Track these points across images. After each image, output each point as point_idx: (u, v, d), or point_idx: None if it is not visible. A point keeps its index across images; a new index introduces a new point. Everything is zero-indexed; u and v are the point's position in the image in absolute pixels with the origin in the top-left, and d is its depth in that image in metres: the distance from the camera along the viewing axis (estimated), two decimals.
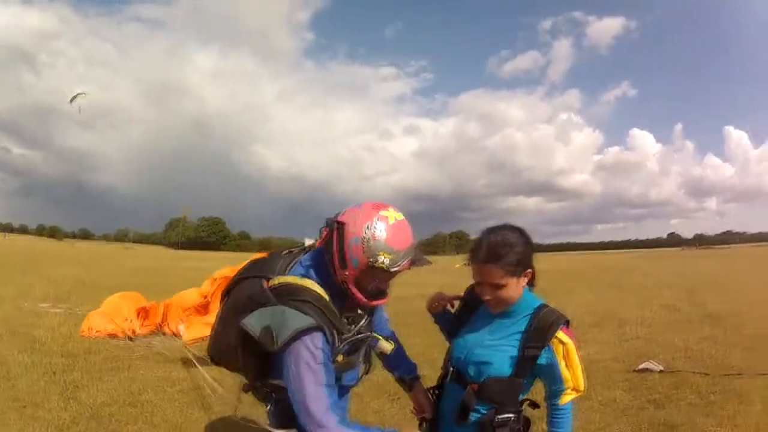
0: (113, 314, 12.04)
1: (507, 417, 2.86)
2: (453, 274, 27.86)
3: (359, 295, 2.64)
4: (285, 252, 2.95)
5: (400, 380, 3.44)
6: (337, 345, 2.65)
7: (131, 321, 11.87)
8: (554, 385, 2.85)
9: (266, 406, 3.01)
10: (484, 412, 2.88)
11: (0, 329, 11.53)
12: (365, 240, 2.50)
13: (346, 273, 2.58)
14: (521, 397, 2.94)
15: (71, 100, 55.55)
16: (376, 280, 2.66)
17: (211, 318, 8.96)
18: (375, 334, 3.08)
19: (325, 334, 2.54)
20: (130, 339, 11.07)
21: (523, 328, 2.85)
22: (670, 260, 63.84)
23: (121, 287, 15.32)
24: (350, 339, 2.77)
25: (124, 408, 7.06)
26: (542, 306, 2.91)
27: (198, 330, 9.21)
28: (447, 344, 3.26)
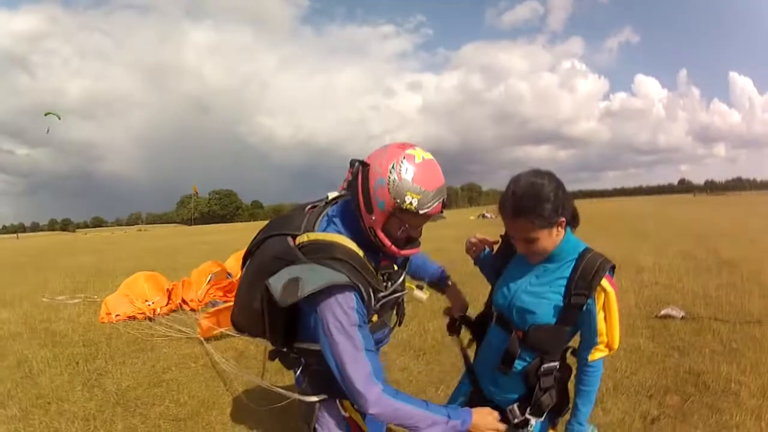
0: (133, 295, 12.11)
1: (552, 366, 2.88)
2: (467, 227, 27.85)
3: (388, 243, 2.53)
4: (309, 207, 2.83)
5: (431, 284, 3.52)
6: (373, 305, 2.59)
7: (151, 302, 11.93)
8: (588, 335, 2.84)
9: (294, 372, 2.92)
10: (529, 360, 2.88)
11: (19, 328, 11.57)
12: (391, 180, 2.37)
13: (373, 218, 2.46)
14: (564, 347, 2.96)
15: (46, 114, 55.78)
16: (405, 224, 2.52)
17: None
18: (409, 284, 3.04)
19: (360, 293, 2.47)
20: (150, 319, 11.12)
21: (567, 273, 2.79)
22: (683, 206, 64.60)
23: (138, 269, 15.37)
24: (386, 298, 2.70)
25: (149, 389, 7.14)
26: (587, 250, 2.85)
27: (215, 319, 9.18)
28: (486, 287, 3.28)
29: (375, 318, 2.69)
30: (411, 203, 2.37)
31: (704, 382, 6.34)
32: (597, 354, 2.83)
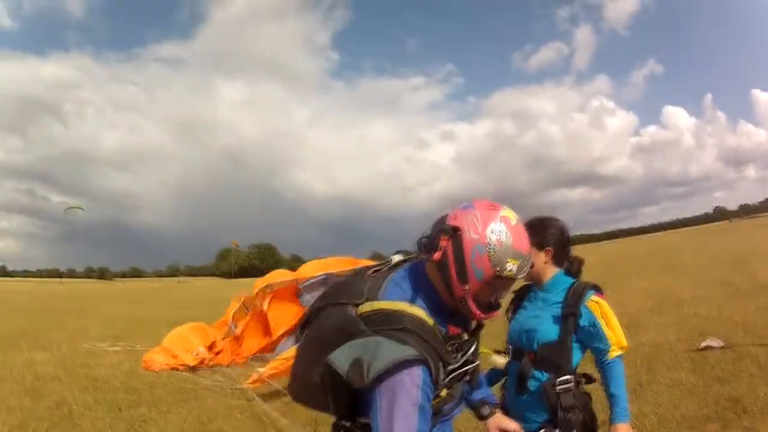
0: (177, 348, 12.08)
1: (566, 379, 3.26)
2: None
3: (478, 312, 2.35)
4: (371, 271, 2.60)
5: (474, 408, 3.08)
6: (441, 379, 2.33)
7: (197, 354, 11.90)
8: (599, 344, 3.33)
9: None
10: (543, 380, 3.31)
11: (57, 371, 11.69)
12: (491, 246, 2.22)
13: (467, 288, 2.28)
14: (575, 364, 3.37)
15: (66, 210, 56.51)
16: (497, 291, 2.39)
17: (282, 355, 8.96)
18: (485, 350, 2.95)
19: (428, 368, 2.21)
20: (193, 371, 11.13)
21: (561, 298, 3.42)
22: (718, 235, 65.47)
23: (178, 320, 15.51)
24: (456, 370, 2.43)
25: None
26: (575, 281, 3.52)
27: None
28: None
29: (444, 392, 2.40)
30: (511, 270, 2.25)
31: (743, 406, 6.49)
32: (613, 354, 3.30)
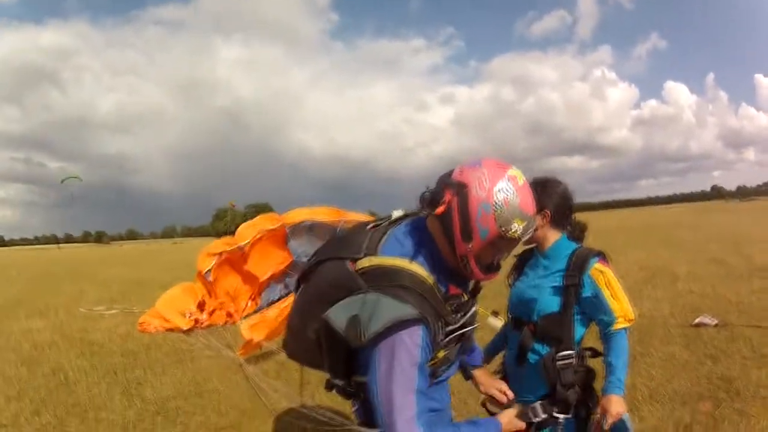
0: (169, 311, 12.05)
1: (568, 354, 3.12)
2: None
3: (479, 272, 2.30)
4: (370, 226, 2.53)
5: (462, 368, 3.08)
6: (439, 339, 2.26)
7: (190, 314, 11.90)
8: (603, 316, 3.17)
9: (352, 404, 2.55)
10: (543, 353, 3.18)
11: (54, 337, 11.86)
12: (497, 206, 2.14)
13: (470, 246, 2.21)
14: (578, 338, 3.23)
15: (63, 181, 55.16)
16: (500, 252, 2.33)
17: (270, 312, 9.02)
18: (481, 310, 2.92)
19: (428, 327, 2.15)
20: (188, 333, 11.17)
21: (563, 266, 3.24)
22: (716, 214, 66.27)
23: (173, 282, 15.46)
24: (455, 332, 2.36)
25: (191, 399, 7.26)
26: (579, 246, 3.34)
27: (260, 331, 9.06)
28: None
29: (441, 353, 2.35)
30: (516, 231, 2.19)
31: (735, 388, 6.53)
32: (618, 326, 3.14)
